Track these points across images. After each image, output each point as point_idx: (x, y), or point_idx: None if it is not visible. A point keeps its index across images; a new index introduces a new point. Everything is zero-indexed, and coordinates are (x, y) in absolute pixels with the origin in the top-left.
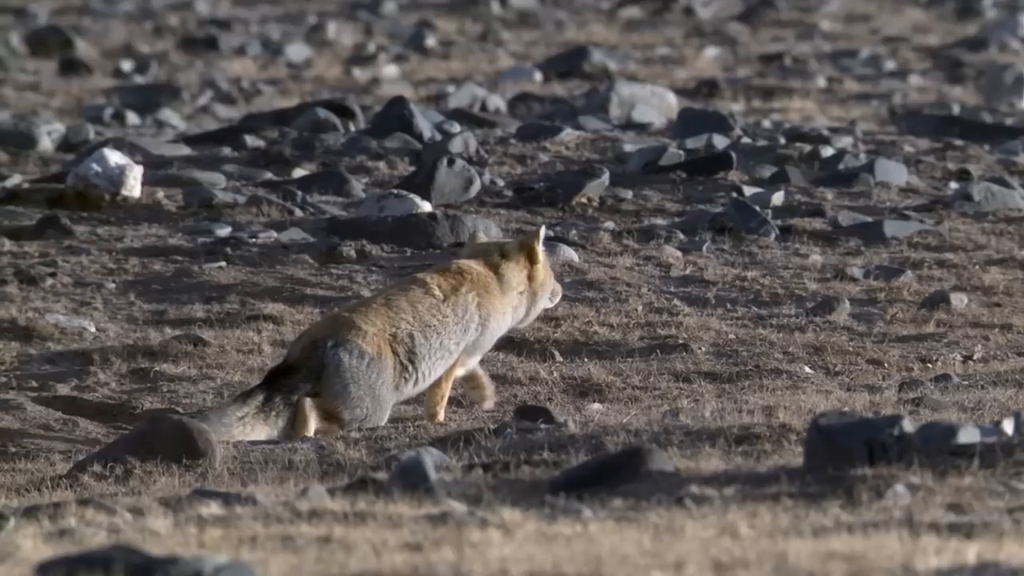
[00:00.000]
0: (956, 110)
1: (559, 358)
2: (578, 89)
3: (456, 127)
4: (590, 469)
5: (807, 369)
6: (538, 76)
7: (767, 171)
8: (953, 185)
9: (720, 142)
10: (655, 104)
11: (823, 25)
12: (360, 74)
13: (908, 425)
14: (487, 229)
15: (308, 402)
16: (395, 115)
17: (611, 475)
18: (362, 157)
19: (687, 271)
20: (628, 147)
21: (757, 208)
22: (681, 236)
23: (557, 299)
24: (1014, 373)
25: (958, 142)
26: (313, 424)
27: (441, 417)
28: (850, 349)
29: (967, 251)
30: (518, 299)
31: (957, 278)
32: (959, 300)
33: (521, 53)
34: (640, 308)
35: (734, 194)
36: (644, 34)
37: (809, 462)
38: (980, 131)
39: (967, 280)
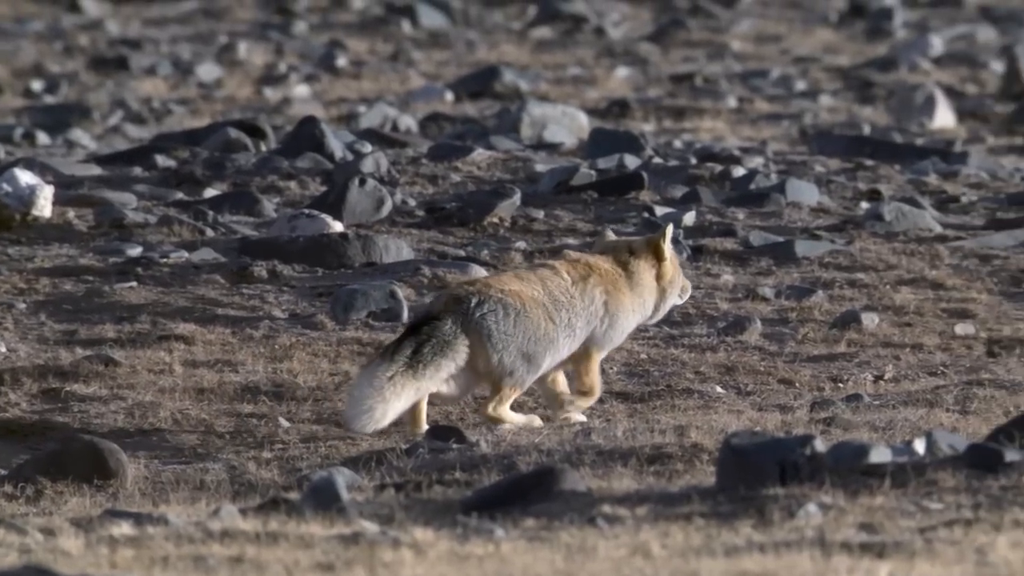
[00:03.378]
0: (867, 130)
1: None
2: (489, 109)
3: (367, 147)
4: (502, 489)
5: (719, 389)
6: (449, 96)
7: (678, 191)
8: (864, 205)
9: (631, 162)
10: (566, 124)
11: (734, 45)
12: (271, 94)
13: (820, 445)
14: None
15: (488, 410)
16: (306, 135)
17: (523, 495)
18: (273, 177)
19: None
20: (539, 167)
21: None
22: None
23: (687, 295)
24: (925, 393)
25: (869, 162)
26: (505, 414)
27: (578, 415)
28: (761, 369)
29: (878, 271)
30: (647, 295)
31: (868, 298)
32: (870, 320)
33: (432, 73)
34: None
35: (645, 214)
36: (555, 54)
37: (721, 482)
38: (891, 151)
39: (878, 300)
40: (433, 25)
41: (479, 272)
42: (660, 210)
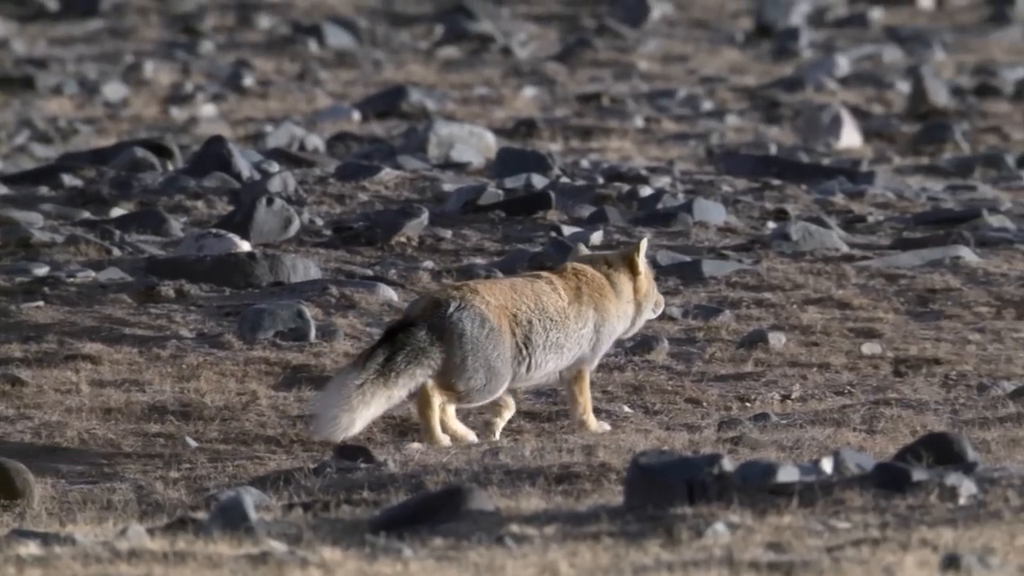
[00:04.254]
0: (773, 150)
1: None
2: (396, 129)
3: (275, 166)
4: (410, 508)
5: (626, 408)
6: (356, 116)
7: (586, 211)
8: (771, 225)
9: (539, 182)
10: (474, 144)
11: (640, 65)
12: (178, 113)
13: (727, 464)
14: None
15: (430, 383)
16: (213, 154)
17: (431, 514)
18: (180, 196)
19: None
20: (447, 187)
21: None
22: (501, 275)
23: (660, 310)
24: (832, 412)
25: (775, 182)
26: (437, 403)
27: (595, 425)
28: (669, 388)
29: (785, 290)
30: (627, 306)
31: (775, 317)
32: (777, 339)
33: (339, 92)
34: None
35: (553, 234)
36: (462, 74)
37: (629, 501)
38: (797, 171)
39: (785, 319)
40: (340, 45)
41: (386, 292)
42: (568, 229)
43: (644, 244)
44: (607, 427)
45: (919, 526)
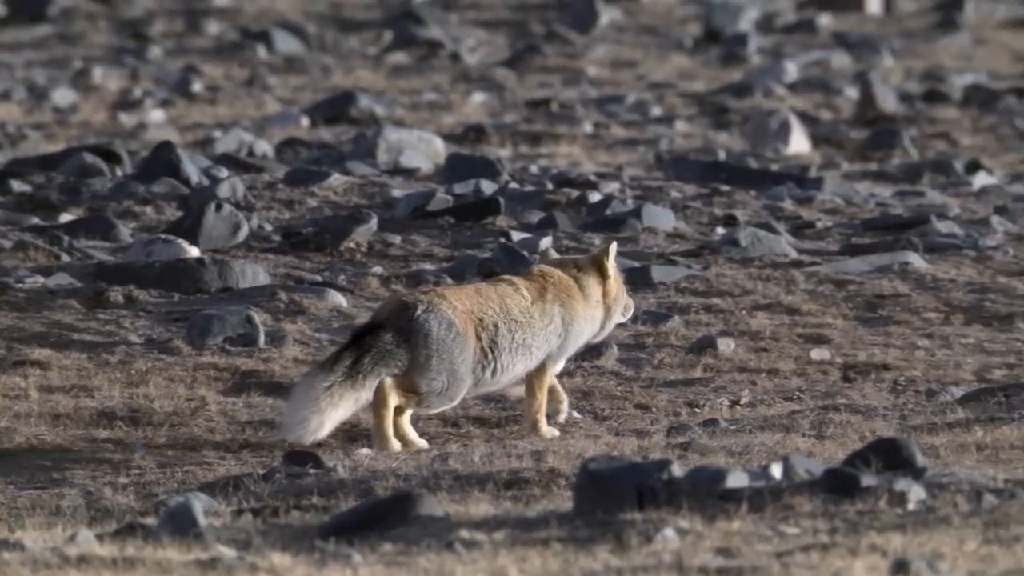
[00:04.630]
0: (722, 156)
1: None
2: (345, 134)
3: (224, 172)
4: (360, 514)
5: (576, 414)
6: (305, 121)
7: (535, 216)
8: (720, 230)
9: (488, 187)
10: (423, 149)
11: (589, 71)
12: (127, 119)
13: (677, 469)
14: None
15: (388, 381)
16: (162, 160)
17: (381, 520)
18: (129, 202)
19: None
20: (396, 192)
21: (525, 253)
22: (450, 281)
23: (630, 314)
24: (781, 417)
25: (724, 188)
26: (393, 403)
27: (545, 429)
28: (618, 394)
29: (734, 296)
30: (595, 309)
31: (724, 323)
32: (726, 345)
33: (288, 98)
34: None
35: (502, 239)
36: (411, 80)
37: (579, 506)
38: (746, 177)
39: (734, 325)
40: (288, 50)
41: (335, 297)
42: (517, 235)
43: (613, 248)
44: (556, 433)
45: (868, 531)
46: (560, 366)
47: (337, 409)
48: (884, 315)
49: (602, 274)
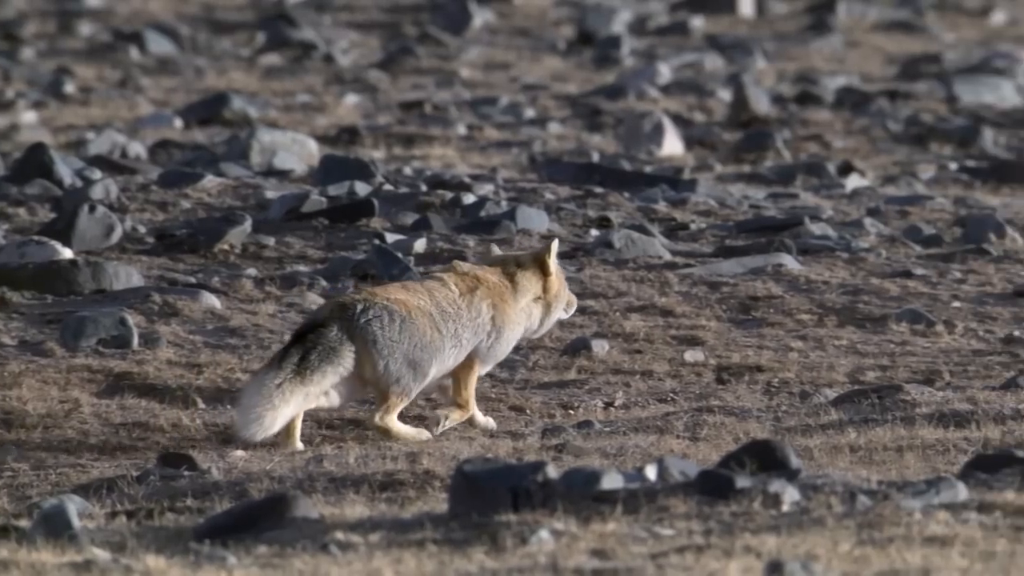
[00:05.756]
0: (596, 158)
1: (202, 405)
2: (219, 136)
3: (97, 173)
4: (234, 516)
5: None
6: (178, 123)
7: (409, 218)
8: (594, 232)
9: (362, 189)
10: (296, 151)
11: (463, 73)
12: None
13: (552, 471)
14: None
15: (376, 417)
16: (35, 161)
17: (255, 522)
18: (2, 203)
19: None
20: (270, 194)
21: (399, 255)
22: (324, 283)
23: (572, 310)
24: (655, 419)
25: (598, 189)
26: (394, 423)
27: (480, 418)
28: (493, 396)
29: (608, 298)
30: (532, 306)
31: (598, 325)
32: (600, 347)
33: (161, 100)
34: None
35: (376, 241)
36: (284, 81)
37: (454, 508)
38: (620, 179)
39: (608, 327)
40: (161, 52)
41: (209, 299)
42: (391, 237)
43: (555, 245)
44: (492, 424)
45: (743, 533)
46: (489, 366)
47: (288, 405)
48: (758, 317)
49: (544, 271)
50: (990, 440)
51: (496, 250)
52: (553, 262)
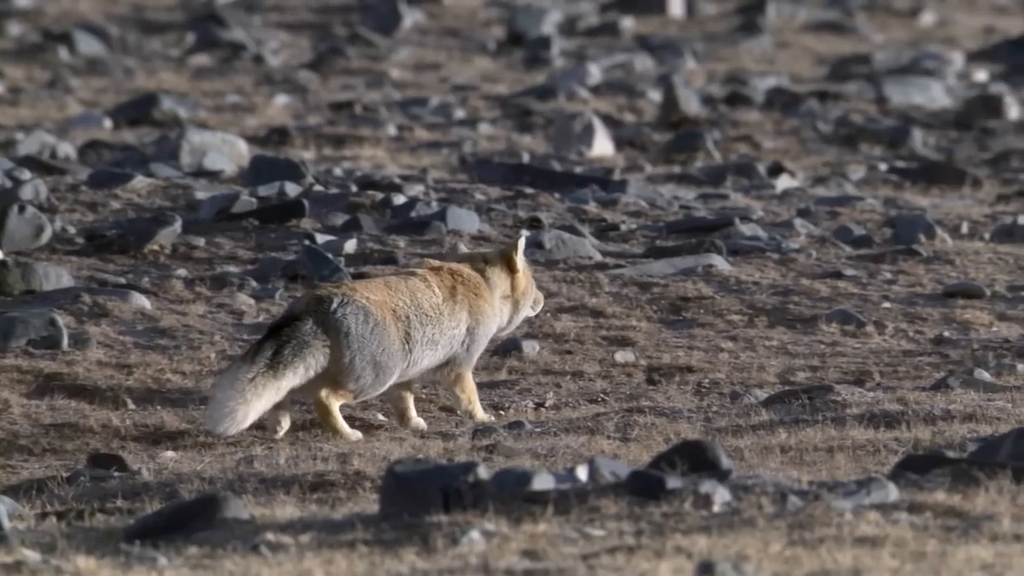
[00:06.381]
0: (526, 158)
1: (131, 406)
2: (149, 136)
3: (26, 174)
4: (165, 517)
5: (380, 416)
6: (108, 123)
7: (339, 219)
8: (524, 233)
9: (292, 190)
10: (226, 152)
11: (393, 73)
12: None
13: (483, 472)
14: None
15: (323, 393)
16: None
17: (186, 523)
18: None
19: (260, 319)
20: (200, 194)
21: (330, 256)
22: (254, 284)
23: (539, 307)
24: (586, 420)
25: (529, 190)
26: (336, 407)
27: (480, 414)
28: (423, 396)
29: None
30: (502, 304)
31: (529, 325)
32: (531, 347)
33: (91, 100)
34: (213, 356)
35: (307, 242)
36: (214, 82)
37: (384, 509)
38: (550, 179)
39: (539, 327)
40: (91, 52)
41: (139, 300)
42: (321, 237)
43: (522, 242)
44: (493, 418)
45: (674, 533)
46: (472, 364)
47: (260, 399)
48: (688, 317)
49: (511, 268)
50: (920, 441)
51: (462, 247)
52: (520, 259)
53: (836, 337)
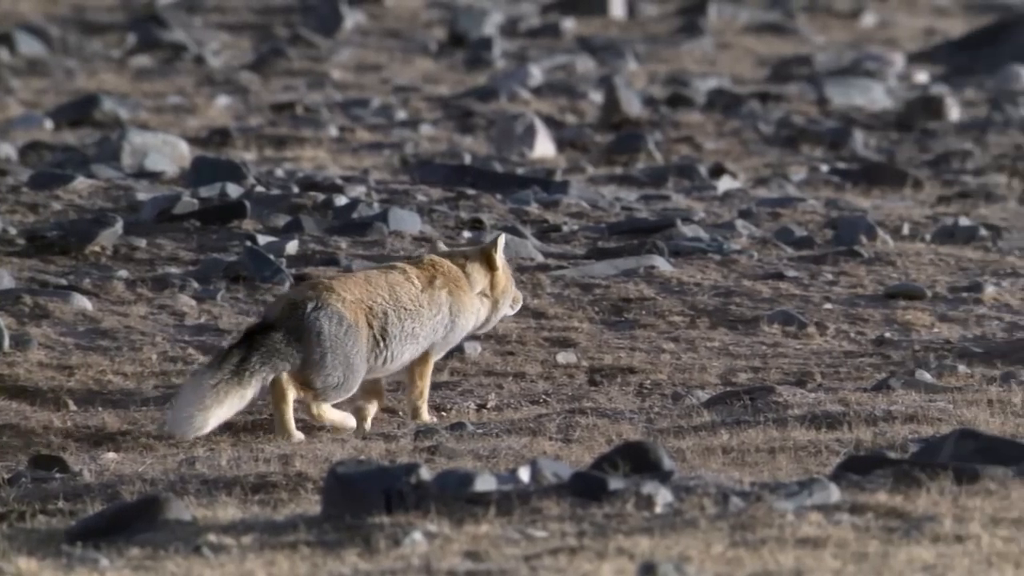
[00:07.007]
0: (468, 159)
1: (73, 407)
2: (90, 137)
3: None
4: (106, 518)
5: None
6: (49, 124)
7: (281, 220)
8: (466, 234)
9: (234, 191)
10: (167, 153)
11: (334, 75)
12: None
13: (425, 473)
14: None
15: (285, 376)
16: None
17: (128, 524)
18: None
19: (201, 320)
20: (141, 196)
21: (271, 257)
22: (196, 285)
23: (518, 306)
24: (528, 421)
25: (470, 191)
26: (291, 397)
27: (426, 416)
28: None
29: None
30: (480, 301)
31: None
32: (473, 349)
33: (31, 101)
34: (155, 357)
35: (248, 243)
36: (155, 82)
37: (327, 510)
38: (492, 180)
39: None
40: (32, 53)
41: (80, 301)
42: (263, 238)
43: (502, 240)
44: (435, 419)
45: (616, 535)
46: (441, 354)
47: (222, 407)
48: (630, 319)
49: (490, 266)
50: (862, 441)
51: (442, 246)
52: (500, 257)
53: (778, 338)
